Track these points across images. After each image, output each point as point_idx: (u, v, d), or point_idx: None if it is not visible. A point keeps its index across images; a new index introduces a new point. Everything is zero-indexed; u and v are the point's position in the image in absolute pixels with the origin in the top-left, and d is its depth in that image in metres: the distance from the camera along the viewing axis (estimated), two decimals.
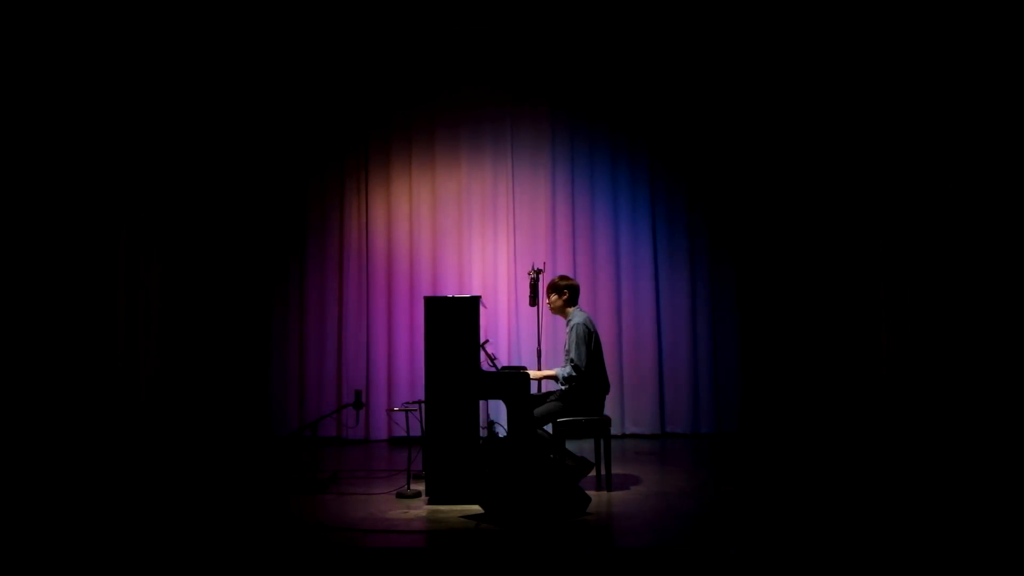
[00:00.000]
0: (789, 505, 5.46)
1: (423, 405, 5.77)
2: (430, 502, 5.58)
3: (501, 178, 8.56)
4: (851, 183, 7.63)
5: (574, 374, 5.91)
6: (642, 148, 8.59)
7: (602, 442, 6.01)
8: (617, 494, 5.82)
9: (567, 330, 6.07)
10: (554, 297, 6.17)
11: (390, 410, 8.06)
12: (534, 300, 6.48)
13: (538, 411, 5.87)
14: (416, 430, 6.21)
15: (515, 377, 5.74)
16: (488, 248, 8.52)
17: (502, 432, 6.64)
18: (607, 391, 6.09)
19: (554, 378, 6.00)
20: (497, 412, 7.82)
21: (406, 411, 6.61)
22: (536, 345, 6.60)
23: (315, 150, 8.59)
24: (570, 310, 6.14)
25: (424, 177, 8.57)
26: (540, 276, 6.45)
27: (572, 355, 5.94)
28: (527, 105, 8.59)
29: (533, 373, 5.96)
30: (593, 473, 6.01)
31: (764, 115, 8.47)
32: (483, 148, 8.57)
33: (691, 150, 8.57)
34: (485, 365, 5.89)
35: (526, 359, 8.07)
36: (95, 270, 7.24)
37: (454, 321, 5.66)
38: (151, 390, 7.62)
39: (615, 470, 6.16)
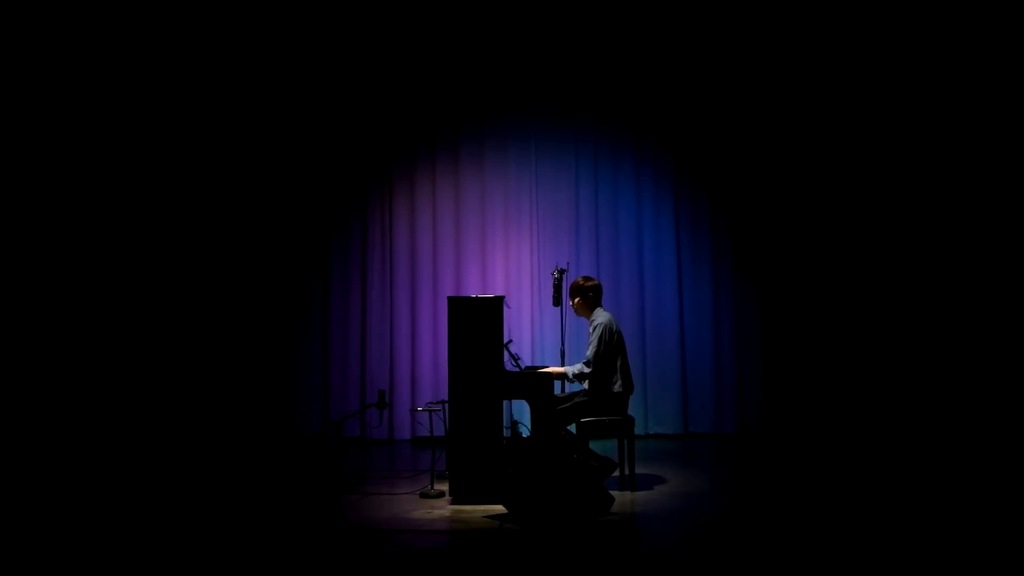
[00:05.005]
0: (811, 506, 5.42)
1: (446, 405, 5.77)
2: (453, 502, 5.59)
3: (524, 178, 8.56)
4: (873, 183, 7.61)
5: (585, 370, 5.91)
6: (666, 150, 8.57)
7: (626, 442, 6.00)
8: (641, 494, 5.80)
9: (590, 329, 6.06)
10: (578, 300, 6.16)
11: (414, 410, 8.08)
12: (557, 300, 6.47)
13: (561, 411, 5.87)
14: (440, 430, 6.23)
15: (538, 377, 5.74)
16: (511, 248, 8.52)
17: (526, 432, 6.64)
18: (631, 392, 6.07)
19: (564, 376, 5.99)
20: (521, 412, 7.82)
21: (430, 411, 6.62)
22: (559, 345, 6.60)
23: (339, 149, 8.63)
24: (595, 311, 6.14)
25: (447, 177, 8.59)
26: (564, 276, 6.44)
27: (588, 353, 5.95)
28: (551, 108, 8.58)
29: (544, 370, 5.98)
30: (617, 473, 6.00)
31: (786, 118, 8.42)
32: (507, 150, 8.57)
33: (715, 152, 8.54)
34: (508, 365, 5.89)
35: (549, 359, 8.07)
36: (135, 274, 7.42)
37: (477, 321, 5.66)
38: (174, 390, 7.70)
39: (639, 470, 6.15)
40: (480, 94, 8.59)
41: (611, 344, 5.96)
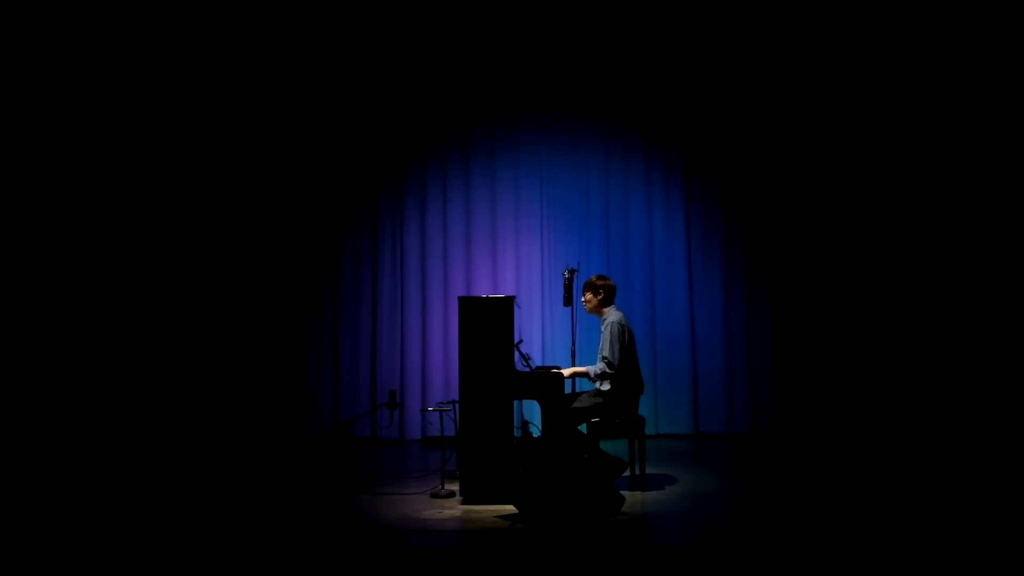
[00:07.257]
0: (821, 506, 5.41)
1: (457, 405, 5.78)
2: (464, 502, 5.59)
3: (534, 177, 8.55)
4: (885, 179, 7.61)
5: (608, 371, 5.89)
6: (677, 148, 8.54)
7: (636, 442, 5.99)
8: (651, 494, 5.80)
9: (602, 328, 6.05)
10: (589, 296, 6.15)
11: (424, 410, 8.08)
12: (568, 300, 6.46)
13: (572, 411, 5.86)
14: (450, 430, 6.23)
15: (549, 377, 5.73)
16: (522, 248, 8.52)
17: (536, 432, 6.64)
18: (641, 391, 6.06)
19: (586, 375, 5.98)
20: (531, 412, 7.82)
21: (440, 411, 6.62)
22: (570, 345, 6.60)
23: (349, 149, 8.62)
24: (606, 310, 6.12)
25: (457, 177, 8.58)
26: (574, 276, 6.44)
27: (605, 352, 5.92)
28: (561, 107, 8.56)
29: (566, 371, 5.95)
30: (627, 473, 5.99)
31: (796, 116, 8.39)
32: (517, 150, 8.56)
33: (726, 150, 8.50)
34: (519, 365, 5.89)
35: (560, 359, 8.06)
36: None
37: (488, 321, 5.66)
38: (185, 390, 7.74)
39: (649, 470, 6.14)
40: (490, 91, 8.57)
41: (624, 343, 5.95)
